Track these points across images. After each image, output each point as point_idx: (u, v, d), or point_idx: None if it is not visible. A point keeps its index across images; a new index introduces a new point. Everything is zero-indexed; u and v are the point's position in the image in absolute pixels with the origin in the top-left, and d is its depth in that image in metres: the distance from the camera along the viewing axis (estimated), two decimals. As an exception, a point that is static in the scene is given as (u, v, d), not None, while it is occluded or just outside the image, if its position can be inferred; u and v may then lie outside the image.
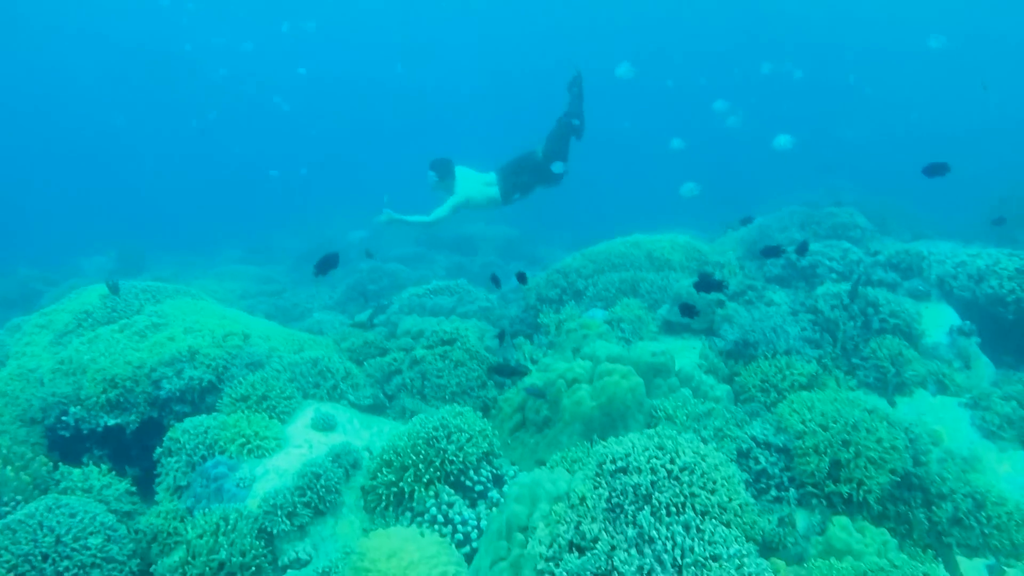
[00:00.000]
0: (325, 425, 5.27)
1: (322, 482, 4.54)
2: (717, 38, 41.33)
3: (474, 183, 9.06)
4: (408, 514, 4.44)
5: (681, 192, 9.07)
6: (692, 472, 3.66)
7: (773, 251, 7.18)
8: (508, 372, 6.10)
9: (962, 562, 4.52)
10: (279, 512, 4.40)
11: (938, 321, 7.32)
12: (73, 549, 4.00)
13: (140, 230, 26.06)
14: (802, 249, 7.58)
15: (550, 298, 8.74)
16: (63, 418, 5.61)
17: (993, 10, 31.28)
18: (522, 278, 6.73)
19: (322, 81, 44.41)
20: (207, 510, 4.42)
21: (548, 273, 9.36)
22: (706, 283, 6.21)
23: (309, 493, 4.50)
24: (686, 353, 6.62)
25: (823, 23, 37.26)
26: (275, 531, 4.37)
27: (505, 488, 4.59)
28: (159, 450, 5.09)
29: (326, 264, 6.24)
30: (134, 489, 5.04)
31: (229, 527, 4.27)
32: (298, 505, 4.45)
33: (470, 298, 8.62)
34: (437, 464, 4.53)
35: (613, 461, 3.83)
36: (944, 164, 6.10)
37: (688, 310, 6.37)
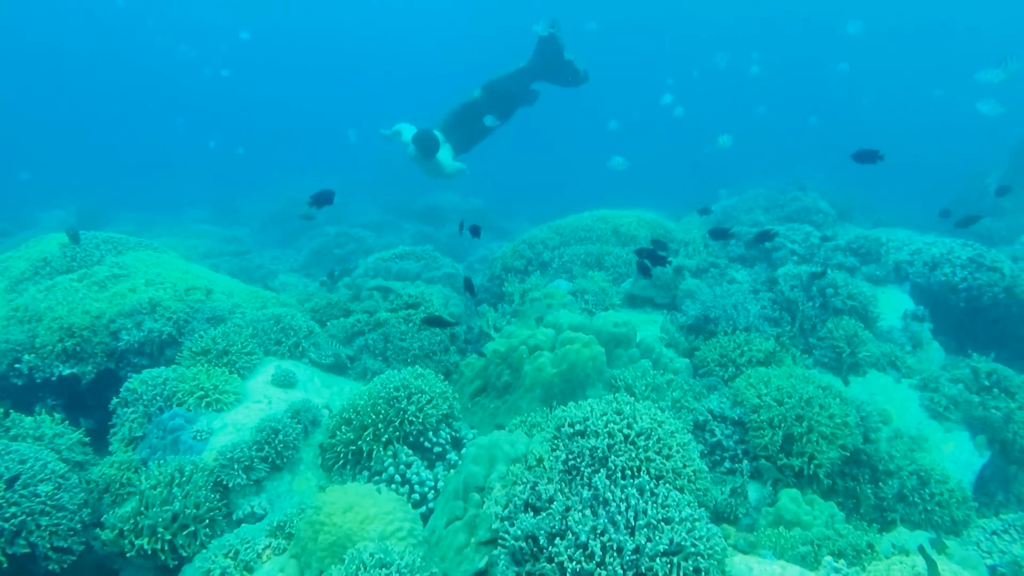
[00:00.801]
0: (285, 382, 5.25)
1: (280, 438, 4.53)
2: (696, 34, 41.29)
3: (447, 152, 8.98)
4: (365, 473, 4.46)
5: (609, 165, 9.20)
6: (648, 437, 3.73)
7: (721, 233, 7.38)
8: (438, 323, 6.14)
9: (904, 535, 4.69)
10: (236, 466, 4.38)
11: (893, 305, 7.52)
12: (22, 495, 3.95)
13: (102, 186, 25.42)
14: (761, 238, 7.73)
15: (516, 268, 8.78)
16: (16, 366, 5.51)
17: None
18: (475, 231, 6.80)
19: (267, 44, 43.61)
20: (162, 461, 4.38)
21: (515, 243, 9.38)
22: (651, 254, 6.37)
23: (267, 448, 4.49)
24: (648, 326, 6.72)
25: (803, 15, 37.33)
26: (231, 484, 4.35)
27: (463, 450, 4.64)
28: (115, 400, 5.01)
29: (322, 199, 6.21)
30: (87, 440, 4.97)
31: (184, 479, 4.25)
32: (255, 460, 4.44)
33: (436, 264, 8.60)
34: (396, 424, 4.55)
35: (571, 424, 3.89)
36: (875, 151, 6.31)
37: (644, 269, 6.50)
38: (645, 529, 3.12)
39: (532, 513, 3.34)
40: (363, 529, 3.42)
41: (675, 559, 2.98)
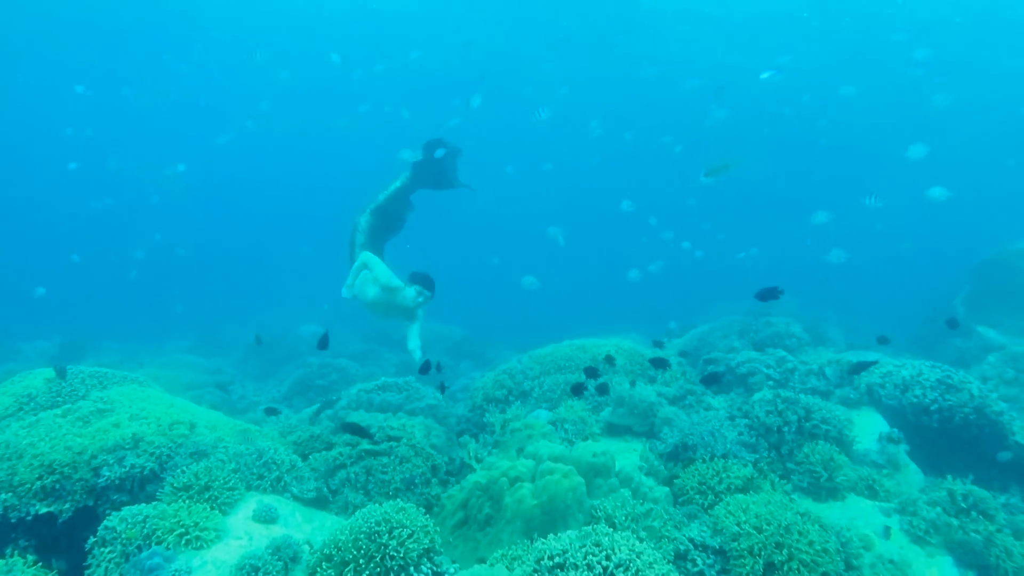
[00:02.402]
0: (267, 517, 5.24)
1: (260, 575, 4.50)
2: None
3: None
4: (346, 611, 4.40)
5: (548, 233, 9.60)
6: (627, 569, 3.79)
7: (713, 378, 8.02)
8: (357, 431, 6.33)
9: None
10: (213, 606, 4.32)
11: (868, 428, 7.68)
12: (-7, 642, 3.87)
13: (85, 316, 25.52)
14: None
15: (497, 398, 8.90)
16: (-8, 505, 5.45)
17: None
18: (437, 367, 7.22)
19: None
20: (138, 604, 4.32)
21: (496, 374, 9.54)
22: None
23: (246, 587, 4.45)
24: (627, 455, 6.80)
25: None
26: (208, 626, 4.28)
27: (445, 585, 4.61)
28: (92, 540, 4.95)
29: (325, 342, 7.09)
30: (60, 583, 4.87)
31: (160, 622, 4.18)
32: (234, 599, 4.38)
33: (418, 395, 8.71)
34: (378, 559, 4.53)
35: (551, 557, 3.95)
36: (776, 288, 6.94)
37: (577, 388, 7.65)
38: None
39: (513, 649, 3.35)
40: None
41: None
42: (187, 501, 5.15)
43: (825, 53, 25.80)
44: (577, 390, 7.84)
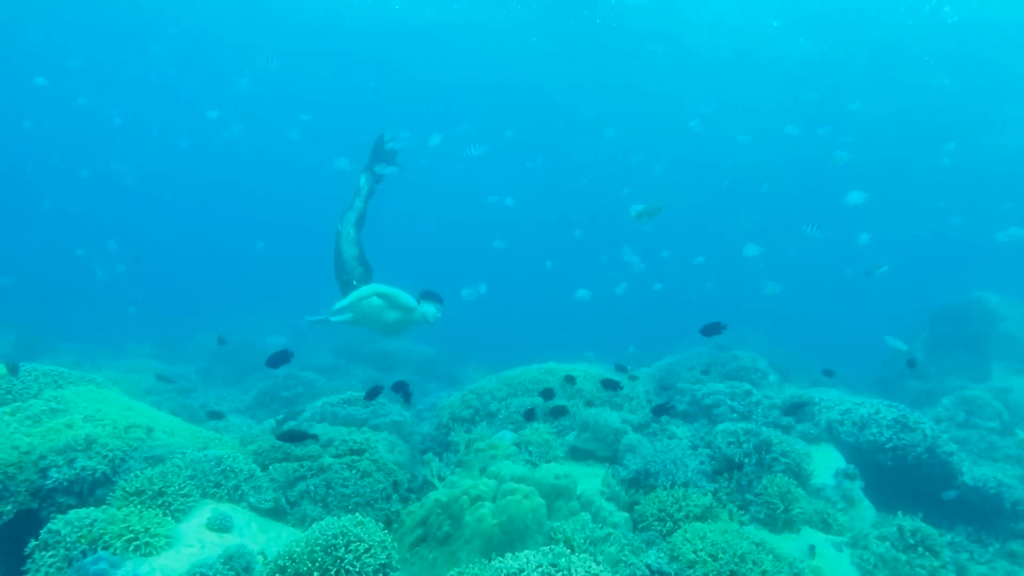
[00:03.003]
0: (221, 526, 5.14)
1: (210, 585, 4.40)
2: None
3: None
4: (297, 625, 4.32)
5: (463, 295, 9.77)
6: (583, 591, 3.78)
7: (661, 409, 8.12)
8: (299, 437, 6.30)
9: None
10: (160, 615, 4.21)
11: (826, 463, 7.79)
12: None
13: (41, 315, 24.90)
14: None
15: (463, 418, 8.87)
16: (-73, 509, 5.25)
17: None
18: (401, 389, 7.24)
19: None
20: (80, 609, 4.19)
21: (463, 393, 9.52)
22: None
23: (194, 596, 4.35)
24: (589, 479, 6.80)
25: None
26: (153, 635, 4.17)
27: (399, 602, 4.55)
28: (33, 543, 4.77)
29: (278, 359, 6.81)
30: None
31: (102, 629, 4.06)
32: (181, 608, 4.28)
33: (383, 411, 8.65)
34: (333, 573, 4.47)
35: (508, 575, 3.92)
36: (719, 323, 7.17)
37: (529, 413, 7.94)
38: None
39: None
40: None
41: None
42: (139, 506, 5.03)
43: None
44: (530, 415, 7.92)
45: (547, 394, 8.02)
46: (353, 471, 6.43)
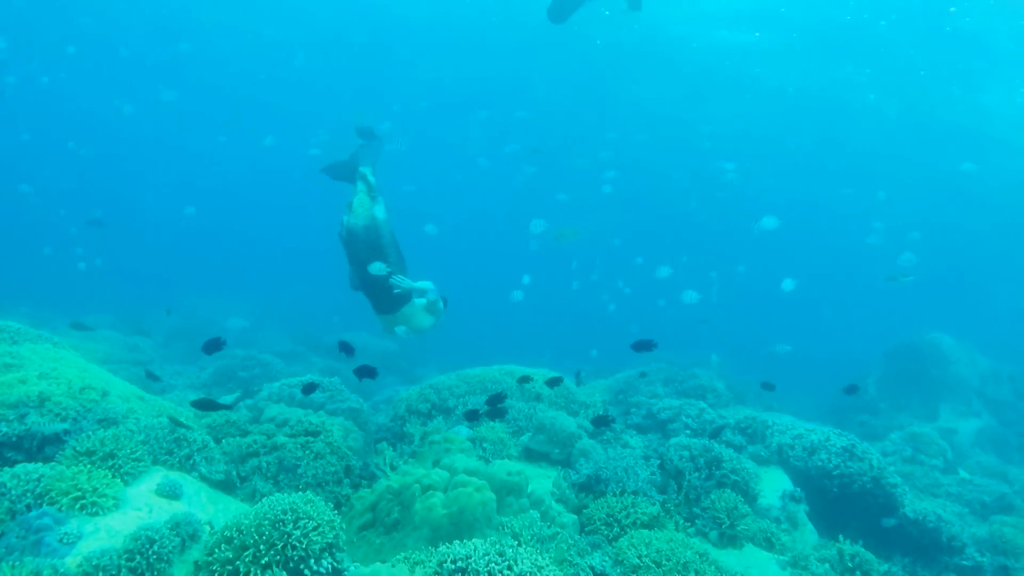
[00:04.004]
0: (171, 493, 5.10)
1: (155, 548, 4.37)
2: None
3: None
4: (237, 596, 4.31)
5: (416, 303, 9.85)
6: (527, 580, 3.84)
7: (602, 420, 8.21)
8: (210, 406, 6.30)
9: None
10: (100, 574, 4.18)
11: (774, 485, 7.96)
12: None
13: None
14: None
15: (420, 411, 8.90)
16: None
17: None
18: (345, 347, 7.20)
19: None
20: (18, 563, 4.13)
21: (421, 387, 9.54)
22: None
23: (139, 558, 4.31)
24: (541, 480, 6.88)
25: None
26: (91, 595, 4.13)
27: (343, 580, 4.57)
28: (-23, 495, 4.73)
29: (212, 346, 6.55)
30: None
31: (40, 584, 4.02)
32: (123, 569, 4.24)
33: (341, 397, 8.63)
34: (279, 548, 4.46)
35: (453, 561, 3.98)
36: (650, 340, 7.32)
37: (472, 414, 7.86)
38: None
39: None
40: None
41: None
42: (88, 466, 4.98)
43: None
44: (472, 415, 7.91)
45: (495, 399, 7.98)
46: (306, 451, 6.43)
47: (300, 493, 4.99)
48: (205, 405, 6.31)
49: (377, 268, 7.53)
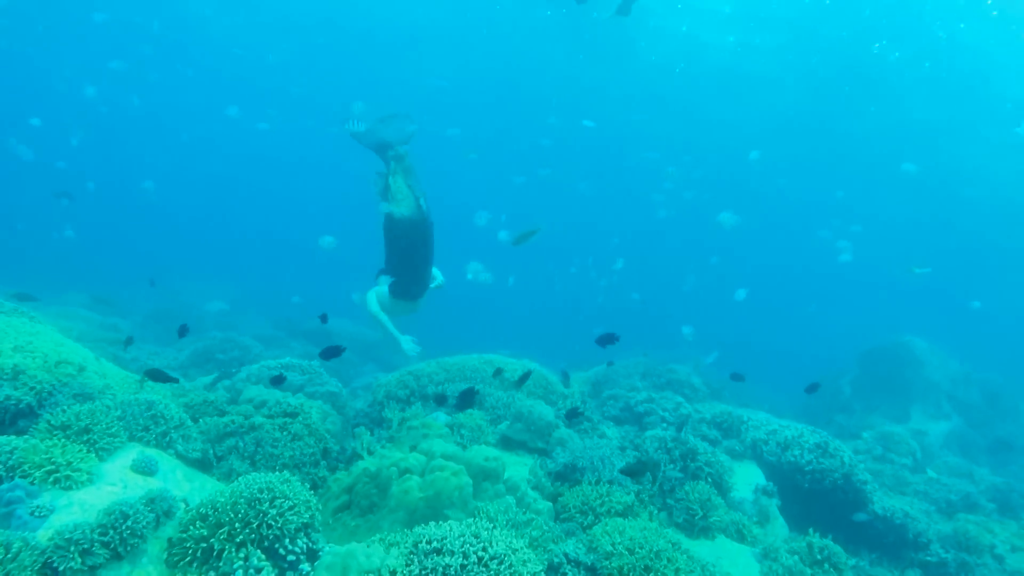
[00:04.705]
0: (146, 469, 5.08)
1: (129, 523, 4.34)
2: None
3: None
4: (212, 574, 4.31)
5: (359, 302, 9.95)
6: (501, 562, 3.88)
7: (573, 412, 8.35)
8: (161, 377, 6.26)
9: None
10: (72, 548, 4.14)
11: (748, 479, 8.07)
12: None
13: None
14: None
15: (398, 397, 8.90)
16: None
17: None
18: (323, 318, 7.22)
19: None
20: (-11, 535, 4.10)
21: (400, 373, 9.55)
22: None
23: (112, 533, 4.28)
24: (518, 468, 6.93)
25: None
26: (62, 568, 4.09)
27: (317, 560, 4.58)
28: (-52, 467, 4.67)
29: (185, 331, 6.98)
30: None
31: (9, 556, 3.98)
32: (96, 543, 4.21)
33: (320, 380, 8.63)
34: (254, 526, 4.47)
35: (429, 542, 4.01)
36: (613, 334, 7.44)
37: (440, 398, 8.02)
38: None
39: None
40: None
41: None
42: (63, 440, 4.94)
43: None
44: (440, 399, 8.03)
45: (466, 395, 7.98)
46: (284, 433, 6.42)
47: (277, 473, 5.00)
48: (157, 376, 6.28)
49: (473, 270, 8.02)
